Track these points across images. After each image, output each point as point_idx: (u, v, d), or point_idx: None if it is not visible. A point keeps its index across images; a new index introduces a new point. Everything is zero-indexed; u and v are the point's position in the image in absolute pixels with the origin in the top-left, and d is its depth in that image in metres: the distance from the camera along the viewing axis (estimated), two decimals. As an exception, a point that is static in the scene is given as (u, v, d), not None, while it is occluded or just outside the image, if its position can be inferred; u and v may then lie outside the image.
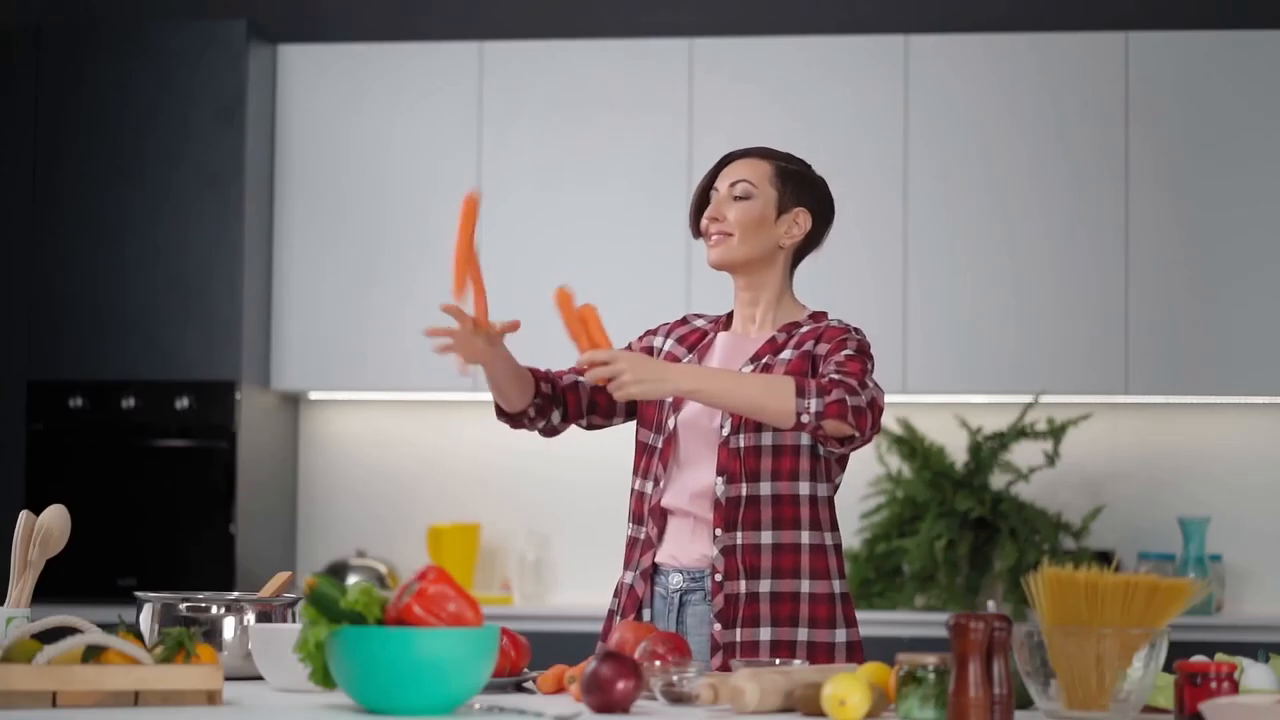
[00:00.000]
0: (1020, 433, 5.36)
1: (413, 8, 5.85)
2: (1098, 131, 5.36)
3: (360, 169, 5.56)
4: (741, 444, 2.92)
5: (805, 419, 2.77)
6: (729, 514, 2.91)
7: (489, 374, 2.98)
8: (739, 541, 2.90)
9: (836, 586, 2.94)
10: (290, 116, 5.57)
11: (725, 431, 2.94)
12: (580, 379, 3.13)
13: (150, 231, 5.38)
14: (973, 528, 5.32)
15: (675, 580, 2.96)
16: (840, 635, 2.94)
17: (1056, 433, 5.35)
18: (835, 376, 2.81)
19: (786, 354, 2.95)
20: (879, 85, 5.43)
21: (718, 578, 2.90)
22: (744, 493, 2.92)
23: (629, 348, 3.18)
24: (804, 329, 2.99)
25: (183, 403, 5.33)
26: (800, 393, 2.77)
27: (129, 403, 5.35)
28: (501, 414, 3.09)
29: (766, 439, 2.92)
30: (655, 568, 2.99)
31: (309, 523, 5.80)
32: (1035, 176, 5.37)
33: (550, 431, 3.14)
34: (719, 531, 2.91)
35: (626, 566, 3.03)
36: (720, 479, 2.93)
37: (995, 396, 5.43)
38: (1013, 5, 5.66)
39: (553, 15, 5.78)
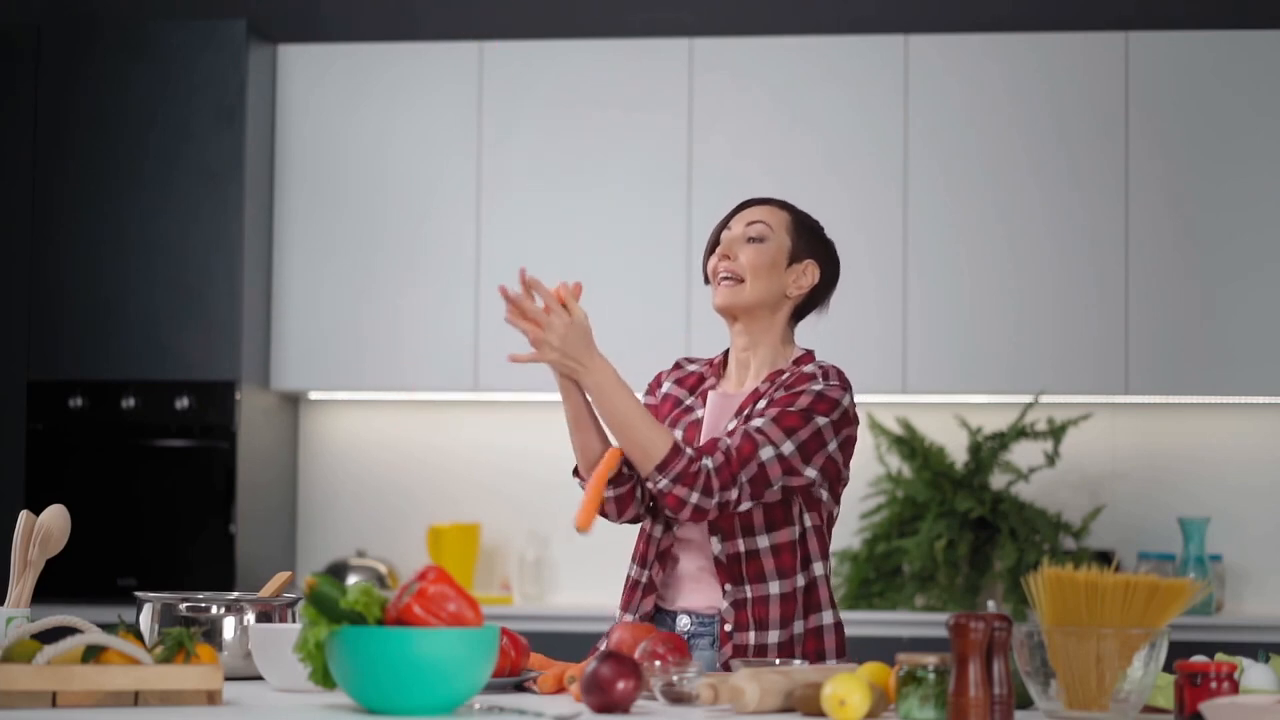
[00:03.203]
0: (1020, 433, 5.36)
1: (413, 8, 5.85)
2: (1098, 131, 5.36)
3: (360, 169, 5.56)
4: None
5: (649, 484, 2.81)
6: (732, 570, 2.88)
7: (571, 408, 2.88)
8: (749, 595, 2.87)
9: (826, 618, 2.91)
10: (290, 116, 5.57)
11: None
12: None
13: (150, 231, 5.38)
14: (973, 528, 5.32)
15: (683, 622, 2.92)
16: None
17: (1056, 433, 5.35)
18: (731, 446, 2.80)
19: (762, 404, 2.92)
20: (879, 85, 5.43)
21: (727, 628, 2.87)
22: (742, 549, 2.89)
23: (650, 390, 3.12)
24: (785, 375, 2.95)
25: (183, 403, 5.33)
26: (662, 466, 2.78)
27: (129, 403, 5.35)
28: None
29: None
30: (656, 609, 2.95)
31: (309, 523, 5.80)
32: (1035, 176, 5.37)
33: (635, 521, 3.01)
34: (728, 586, 2.88)
35: (624, 609, 2.98)
36: (715, 538, 2.90)
37: (995, 396, 5.43)
38: (1013, 5, 5.66)
39: (553, 15, 5.79)
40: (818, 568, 2.91)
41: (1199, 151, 5.33)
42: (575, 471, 2.96)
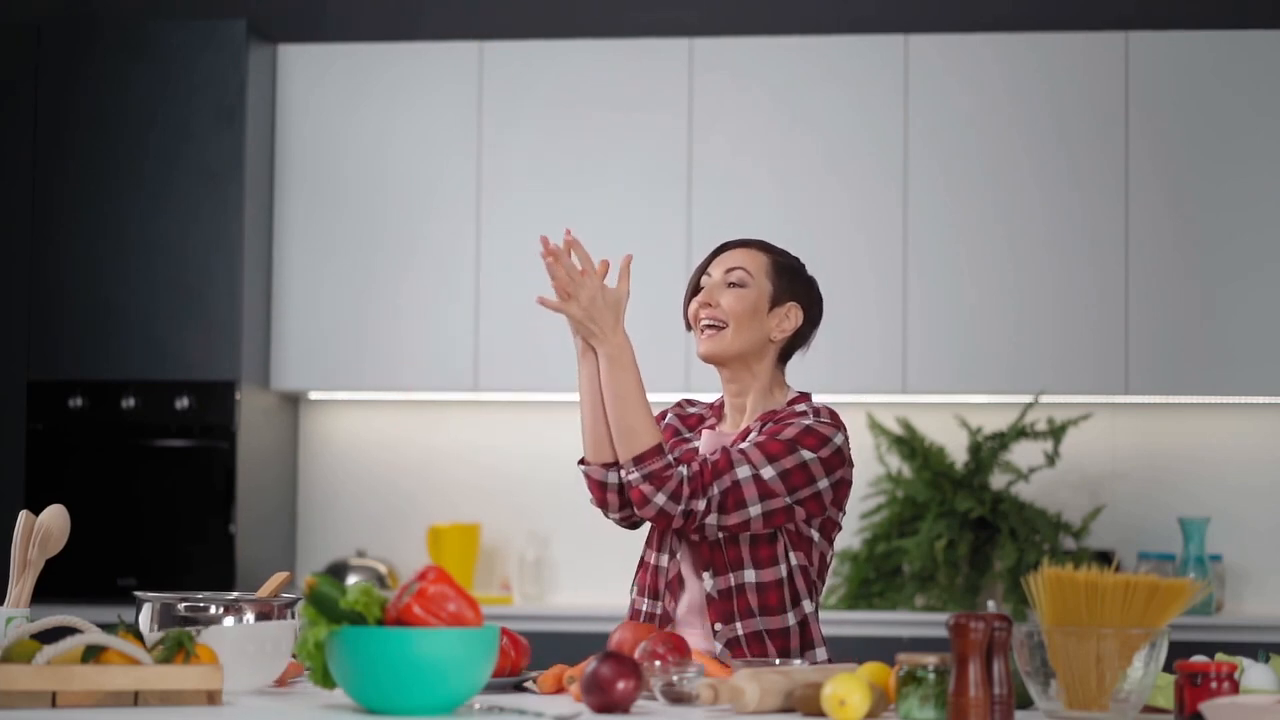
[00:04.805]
0: (1020, 433, 5.36)
1: (413, 8, 5.84)
2: (1098, 131, 5.36)
3: (360, 169, 5.55)
4: (721, 535, 2.88)
5: (622, 472, 2.83)
6: (723, 607, 2.88)
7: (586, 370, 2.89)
8: (740, 633, 2.87)
9: (820, 655, 2.92)
10: (290, 116, 5.57)
11: None
12: None
13: (150, 231, 5.38)
14: (973, 528, 5.32)
15: None
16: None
17: (1056, 433, 5.35)
18: (708, 459, 2.81)
19: (752, 435, 2.92)
20: (879, 85, 5.43)
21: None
22: (732, 583, 2.88)
23: (663, 415, 3.10)
24: (778, 414, 2.94)
25: (183, 403, 5.33)
26: (639, 459, 2.79)
27: (129, 403, 5.35)
28: (597, 487, 2.93)
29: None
30: None
31: (309, 523, 5.79)
32: (1035, 176, 5.37)
33: (629, 521, 2.99)
34: (718, 626, 2.88)
35: None
36: (706, 574, 2.89)
37: (995, 396, 5.43)
38: (1013, 5, 5.66)
39: (553, 15, 5.79)
40: (806, 605, 2.91)
41: (1199, 151, 5.33)
42: (581, 460, 2.94)
